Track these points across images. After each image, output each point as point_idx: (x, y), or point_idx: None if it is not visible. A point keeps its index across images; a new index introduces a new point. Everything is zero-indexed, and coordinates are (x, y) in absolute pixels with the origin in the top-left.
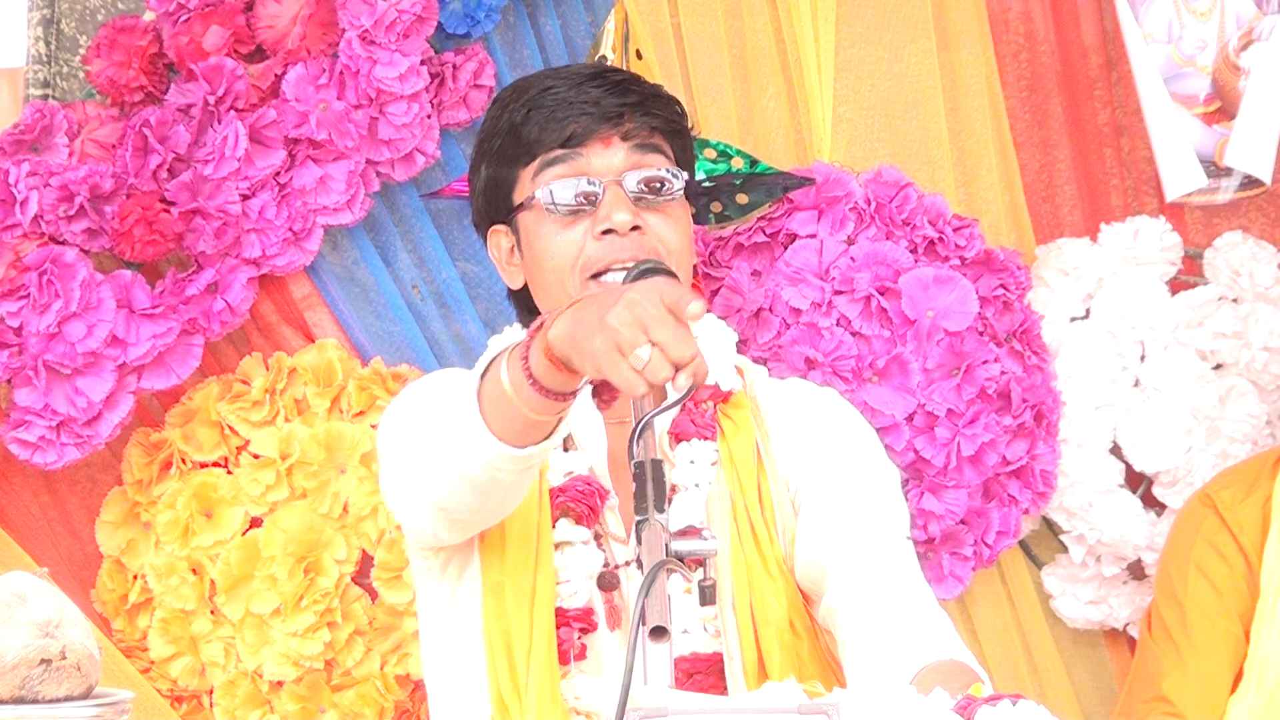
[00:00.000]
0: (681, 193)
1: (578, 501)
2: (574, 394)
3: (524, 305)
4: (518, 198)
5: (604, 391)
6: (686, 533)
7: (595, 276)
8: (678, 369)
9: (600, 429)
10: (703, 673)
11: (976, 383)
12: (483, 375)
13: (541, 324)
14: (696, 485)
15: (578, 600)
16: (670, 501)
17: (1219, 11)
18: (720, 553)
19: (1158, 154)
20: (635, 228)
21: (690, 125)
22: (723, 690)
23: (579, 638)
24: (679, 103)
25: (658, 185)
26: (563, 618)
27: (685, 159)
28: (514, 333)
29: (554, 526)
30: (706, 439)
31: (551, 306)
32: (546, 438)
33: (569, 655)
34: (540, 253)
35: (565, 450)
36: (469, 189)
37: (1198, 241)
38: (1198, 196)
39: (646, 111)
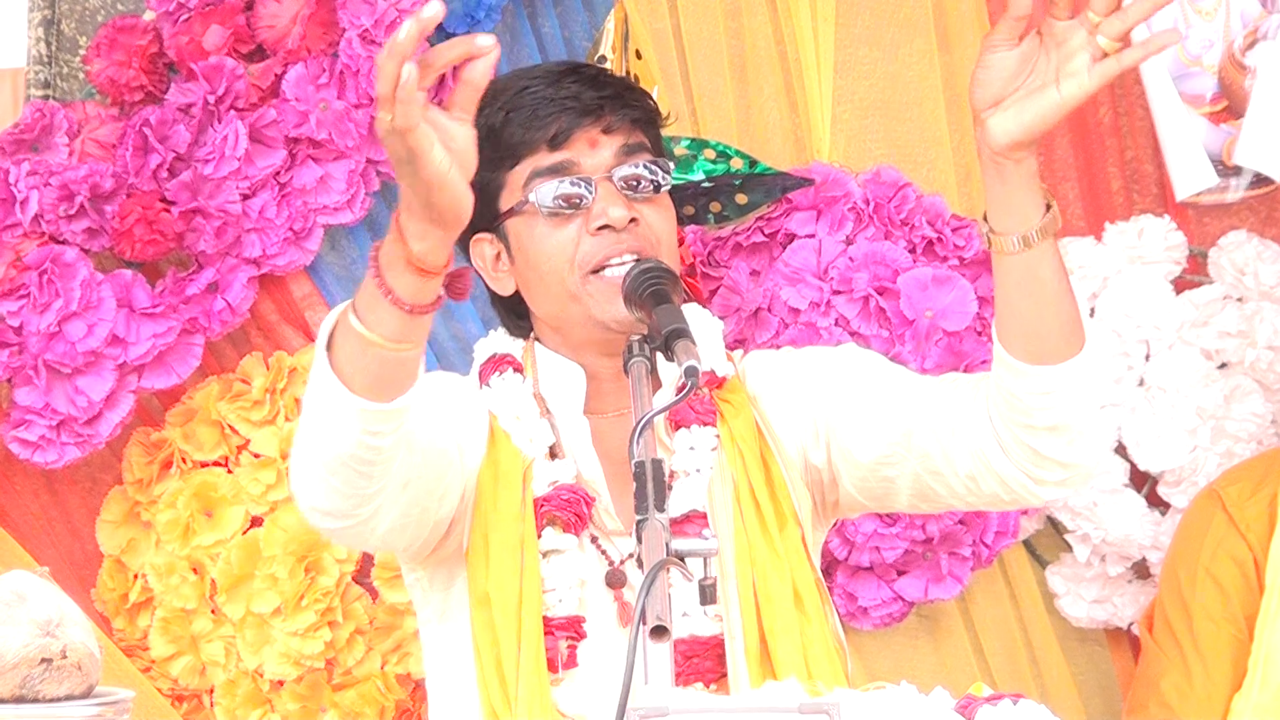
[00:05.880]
0: (667, 184)
1: (563, 509)
2: (434, 306)
3: (511, 311)
4: (504, 203)
5: (454, 283)
6: (687, 526)
7: (595, 271)
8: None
9: (586, 434)
10: (700, 656)
11: None
12: (328, 349)
13: (375, 258)
14: (698, 470)
15: (564, 609)
16: (670, 489)
17: (1224, 11)
18: (723, 535)
19: (1166, 154)
20: (632, 220)
21: (666, 115)
22: (721, 673)
23: (567, 646)
24: (649, 94)
25: (648, 184)
26: (547, 626)
27: (659, 148)
28: (500, 337)
29: (540, 536)
30: (707, 424)
31: (550, 307)
32: (410, 389)
33: (556, 663)
34: (535, 255)
35: (551, 459)
36: None
37: (1193, 241)
38: (1207, 196)
39: (625, 103)
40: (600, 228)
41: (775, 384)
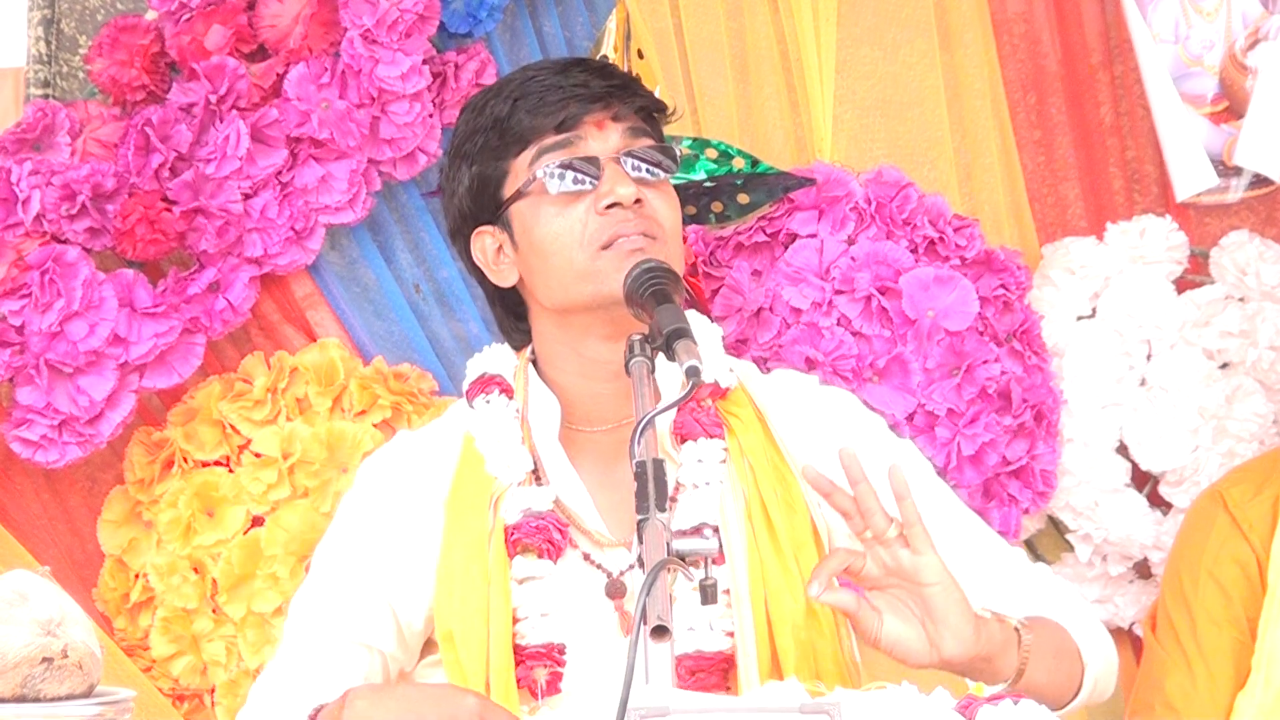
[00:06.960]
0: (674, 170)
1: (532, 536)
2: None
3: (510, 312)
4: (509, 189)
5: None
6: (688, 531)
7: (605, 247)
8: None
9: (564, 458)
10: (706, 671)
11: (977, 382)
12: None
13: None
14: (707, 483)
15: (538, 636)
16: (675, 501)
17: (1225, 11)
18: (735, 550)
19: (1167, 154)
20: (638, 200)
21: (672, 110)
22: (726, 690)
23: (548, 673)
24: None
25: (655, 163)
26: (520, 656)
27: (663, 140)
28: (493, 355)
29: (511, 565)
30: (715, 437)
31: (556, 292)
32: None
33: (535, 692)
34: (542, 237)
35: (529, 485)
36: (444, 199)
37: (1193, 240)
38: (1208, 196)
39: (633, 93)
40: (608, 206)
41: (806, 426)
